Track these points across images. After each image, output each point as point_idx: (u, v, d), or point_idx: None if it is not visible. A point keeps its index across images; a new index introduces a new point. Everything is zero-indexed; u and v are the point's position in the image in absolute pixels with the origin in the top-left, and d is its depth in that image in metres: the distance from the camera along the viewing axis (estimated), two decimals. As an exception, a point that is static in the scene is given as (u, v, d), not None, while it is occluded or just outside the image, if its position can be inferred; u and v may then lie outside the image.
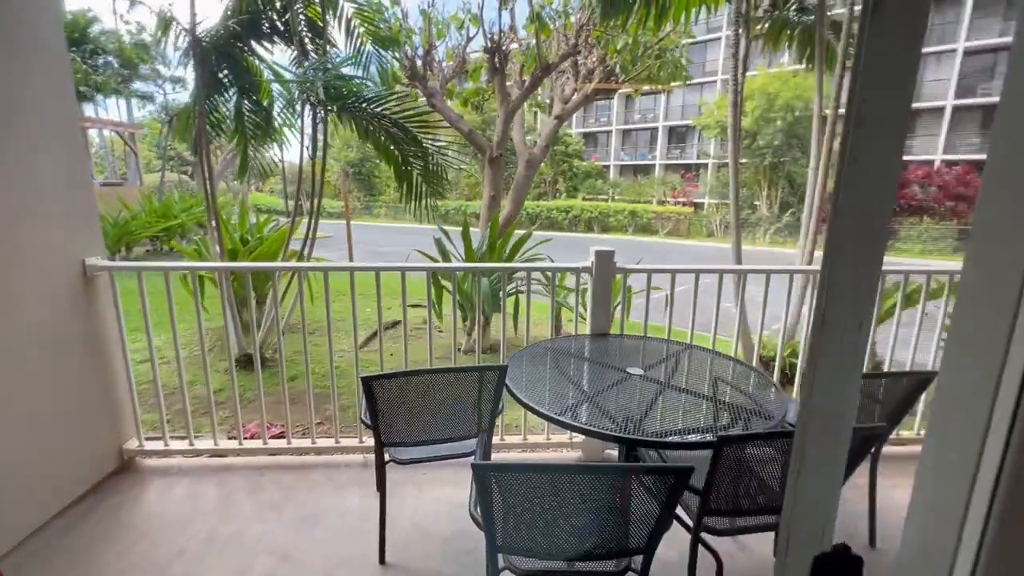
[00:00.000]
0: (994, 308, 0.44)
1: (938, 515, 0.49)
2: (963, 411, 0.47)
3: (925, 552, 0.51)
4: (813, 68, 5.13)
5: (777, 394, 2.16)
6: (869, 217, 0.45)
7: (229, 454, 2.89)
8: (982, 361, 0.45)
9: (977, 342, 0.46)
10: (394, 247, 19.32)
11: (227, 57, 4.02)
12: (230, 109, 4.10)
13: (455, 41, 8.28)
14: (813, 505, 0.53)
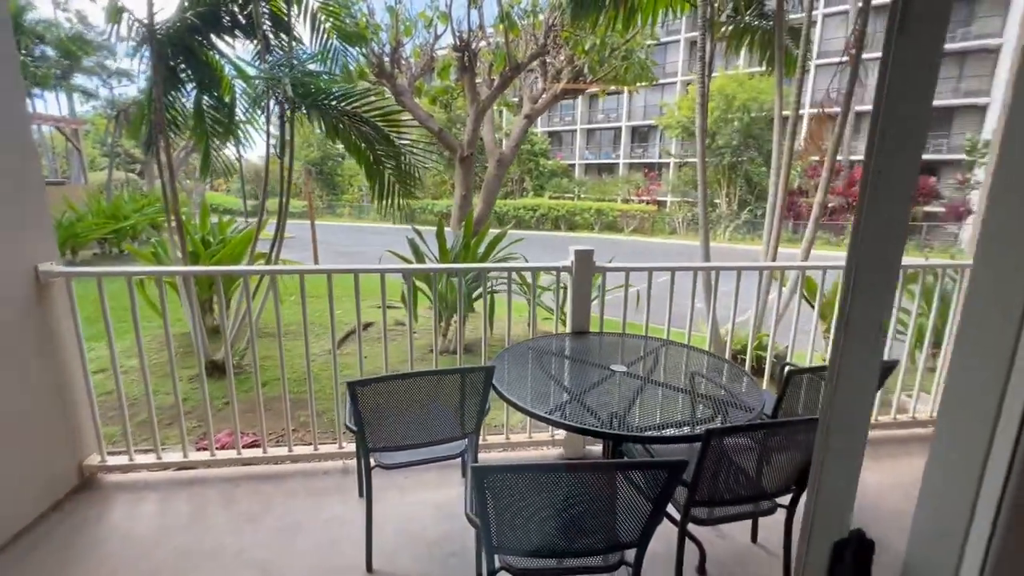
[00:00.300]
0: (1001, 307, 0.47)
1: (951, 494, 0.53)
2: (972, 406, 0.50)
3: (936, 538, 0.55)
4: (771, 71, 5.34)
5: (751, 386, 2.25)
6: (890, 224, 0.48)
7: (200, 466, 2.77)
8: (990, 359, 0.48)
9: (985, 339, 0.49)
10: (360, 247, 18.96)
11: (185, 51, 3.84)
12: (189, 105, 3.91)
13: (423, 39, 8.19)
14: (835, 494, 0.56)
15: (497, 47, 7.71)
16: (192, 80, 4.01)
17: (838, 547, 0.57)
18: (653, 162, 32.09)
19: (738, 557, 2.22)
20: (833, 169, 4.79)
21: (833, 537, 0.57)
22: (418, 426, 2.10)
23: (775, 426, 1.69)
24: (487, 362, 2.34)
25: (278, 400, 4.34)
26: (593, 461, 1.40)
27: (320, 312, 7.55)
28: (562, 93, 7.96)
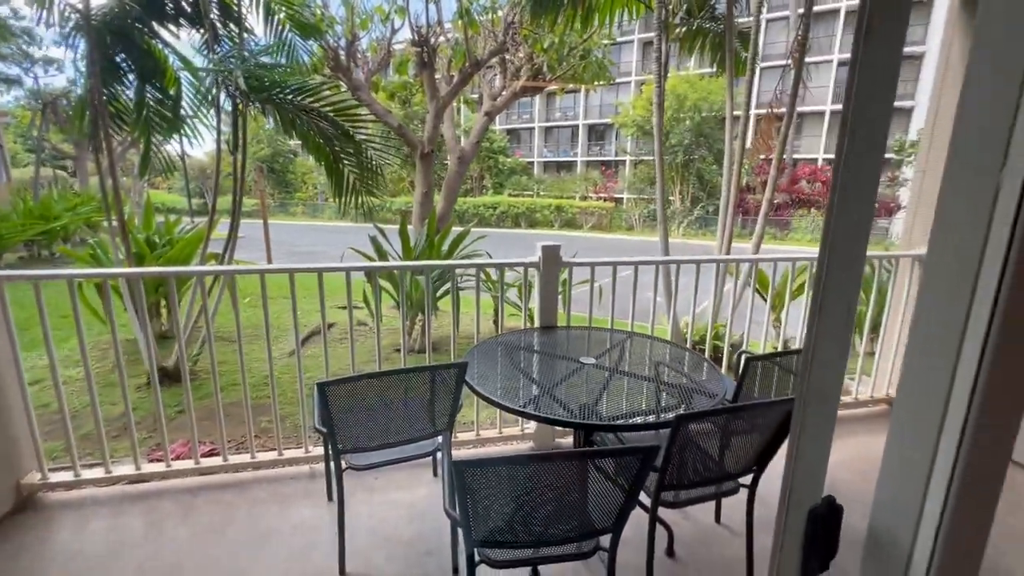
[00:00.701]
0: (953, 290, 0.52)
1: (909, 464, 0.58)
2: (926, 387, 0.55)
3: (896, 504, 0.60)
4: (722, 72, 5.57)
5: (712, 373, 2.35)
6: (858, 215, 0.53)
7: (154, 478, 2.63)
8: (941, 344, 0.53)
9: (937, 326, 0.54)
10: (317, 246, 18.40)
11: (124, 39, 3.60)
12: (131, 96, 3.67)
13: (380, 33, 8.02)
14: (810, 465, 0.60)
15: (456, 43, 7.65)
16: (133, 71, 3.77)
17: (812, 512, 0.62)
18: (610, 160, 32.73)
19: (703, 537, 2.32)
20: (780, 167, 5.06)
21: (808, 504, 0.61)
22: (389, 425, 2.08)
23: (739, 410, 1.78)
24: (457, 359, 2.34)
25: (236, 406, 4.17)
26: (570, 451, 1.44)
27: (277, 314, 7.29)
28: (522, 90, 7.99)
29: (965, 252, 0.51)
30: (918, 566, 0.57)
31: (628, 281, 3.02)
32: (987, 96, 0.48)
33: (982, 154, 0.49)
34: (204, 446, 3.18)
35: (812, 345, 0.57)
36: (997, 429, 0.53)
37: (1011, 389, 0.52)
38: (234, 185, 3.94)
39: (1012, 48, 0.45)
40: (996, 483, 0.56)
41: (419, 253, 5.28)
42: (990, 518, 0.57)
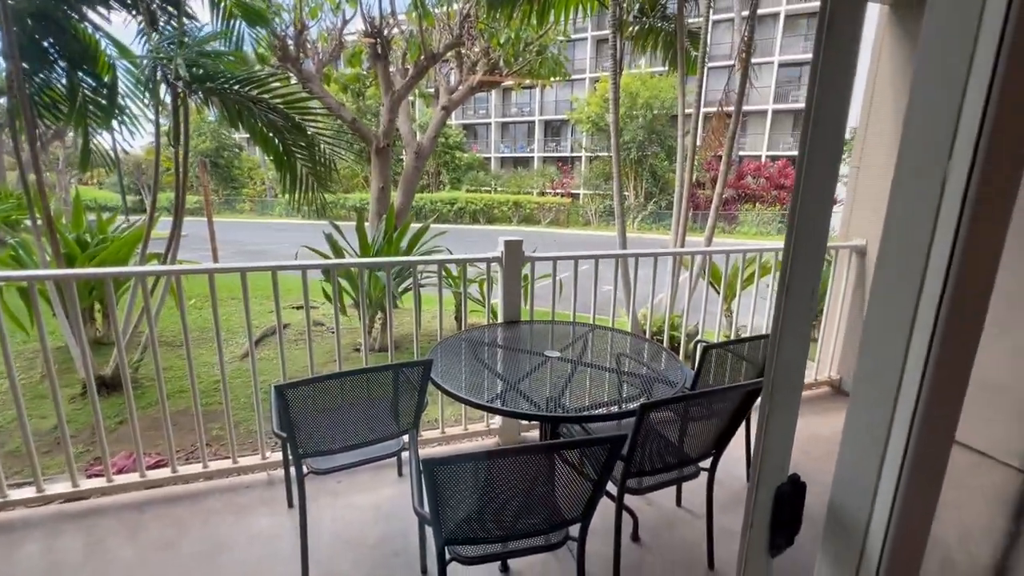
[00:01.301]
0: (903, 281, 0.56)
1: (865, 445, 0.61)
2: (880, 371, 0.59)
3: (854, 480, 0.63)
4: (673, 70, 5.74)
5: (671, 362, 2.43)
6: (820, 202, 0.55)
7: (94, 495, 2.45)
8: (894, 330, 0.57)
9: (890, 313, 0.57)
10: (266, 245, 17.65)
11: (49, 22, 3.31)
12: (64, 85, 3.36)
13: (330, 22, 7.74)
14: (777, 443, 0.63)
15: (411, 35, 7.50)
16: (64, 57, 3.46)
17: (779, 490, 0.65)
18: (566, 156, 33.10)
19: (666, 521, 2.39)
20: (729, 163, 5.27)
21: (776, 482, 0.64)
22: (352, 427, 2.03)
23: (698, 396, 1.85)
24: (420, 357, 2.31)
25: (185, 414, 3.95)
26: (539, 444, 1.45)
27: (226, 316, 6.96)
28: (479, 85, 7.94)
29: (914, 243, 0.54)
30: (874, 537, 0.61)
31: (589, 275, 3.06)
32: (934, 94, 0.51)
33: (930, 148, 0.52)
34: (150, 458, 3.00)
35: (779, 331, 0.59)
36: (943, 412, 0.57)
37: (955, 375, 0.56)
38: (176, 180, 3.71)
39: (957, 48, 0.48)
40: (942, 461, 0.60)
41: (378, 250, 5.17)
42: (937, 493, 0.61)
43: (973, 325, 0.54)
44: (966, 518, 1.26)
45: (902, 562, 0.58)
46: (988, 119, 0.46)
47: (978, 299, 0.53)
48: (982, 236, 0.51)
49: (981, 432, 1.20)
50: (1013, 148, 0.48)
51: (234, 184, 32.76)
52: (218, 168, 31.33)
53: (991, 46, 0.45)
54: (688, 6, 5.19)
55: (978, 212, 0.50)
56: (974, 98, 0.46)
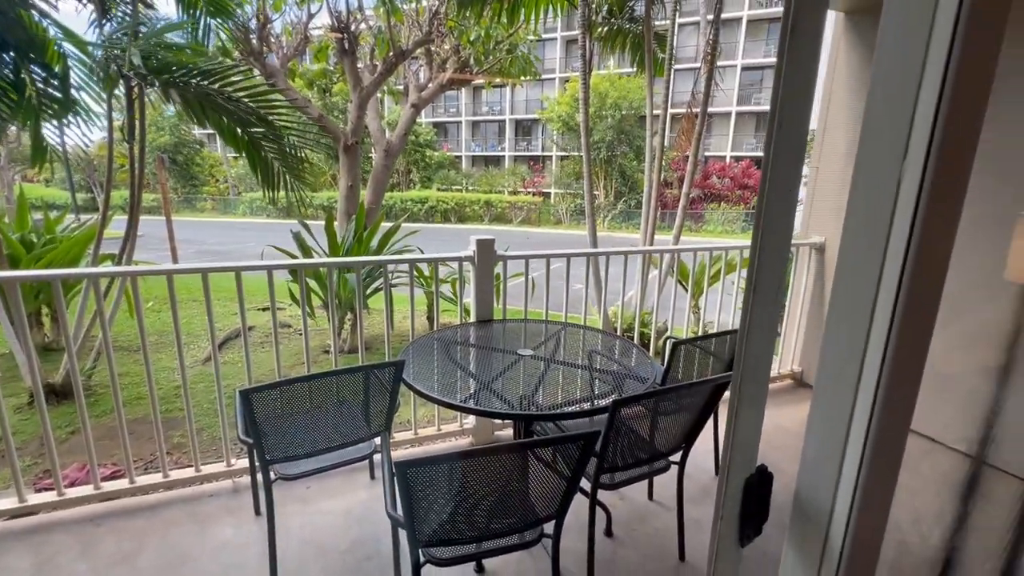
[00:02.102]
0: (862, 276, 0.58)
1: (828, 435, 0.64)
2: (842, 362, 0.61)
3: (819, 467, 0.66)
4: (641, 72, 5.84)
5: (641, 358, 2.46)
6: (785, 201, 0.57)
7: (43, 509, 2.32)
8: (854, 325, 0.59)
9: (850, 308, 0.60)
10: (230, 244, 17.07)
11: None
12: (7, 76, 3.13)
13: (295, 16, 7.53)
14: (746, 435, 0.64)
15: (379, 31, 7.37)
16: (8, 46, 3.23)
17: (748, 481, 0.66)
18: (537, 155, 33.24)
19: (639, 515, 2.43)
20: (695, 163, 5.40)
21: (744, 473, 0.66)
22: (322, 430, 1.98)
23: (668, 392, 1.88)
24: (392, 358, 2.27)
25: (142, 422, 3.78)
26: (513, 442, 1.44)
27: (186, 319, 6.70)
28: (449, 83, 7.88)
29: (872, 239, 0.56)
30: (837, 523, 0.63)
31: (560, 273, 3.08)
32: (890, 95, 0.53)
33: (886, 148, 0.54)
34: (105, 468, 2.85)
35: (747, 327, 0.60)
36: (900, 401, 0.59)
37: (911, 366, 0.58)
38: (131, 177, 3.54)
39: (910, 52, 0.51)
40: (899, 449, 0.63)
41: (348, 250, 5.06)
42: (895, 479, 0.64)
43: (927, 317, 0.56)
44: (919, 503, 1.33)
45: (863, 546, 0.61)
46: (940, 119, 0.48)
47: (932, 292, 0.56)
48: (935, 232, 0.53)
49: (933, 420, 1.27)
50: (963, 147, 0.50)
51: (195, 182, 31.56)
52: (177, 165, 30.11)
53: (942, 50, 0.47)
54: (655, 8, 5.28)
55: (931, 209, 0.52)
56: (927, 99, 0.49)
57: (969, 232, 1.07)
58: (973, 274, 1.40)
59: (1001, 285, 1.32)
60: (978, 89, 0.49)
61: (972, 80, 0.49)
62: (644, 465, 2.09)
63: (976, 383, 1.26)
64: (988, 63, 0.49)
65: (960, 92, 0.48)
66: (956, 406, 1.28)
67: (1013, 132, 1.31)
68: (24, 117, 3.11)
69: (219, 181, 32.31)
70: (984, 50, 0.49)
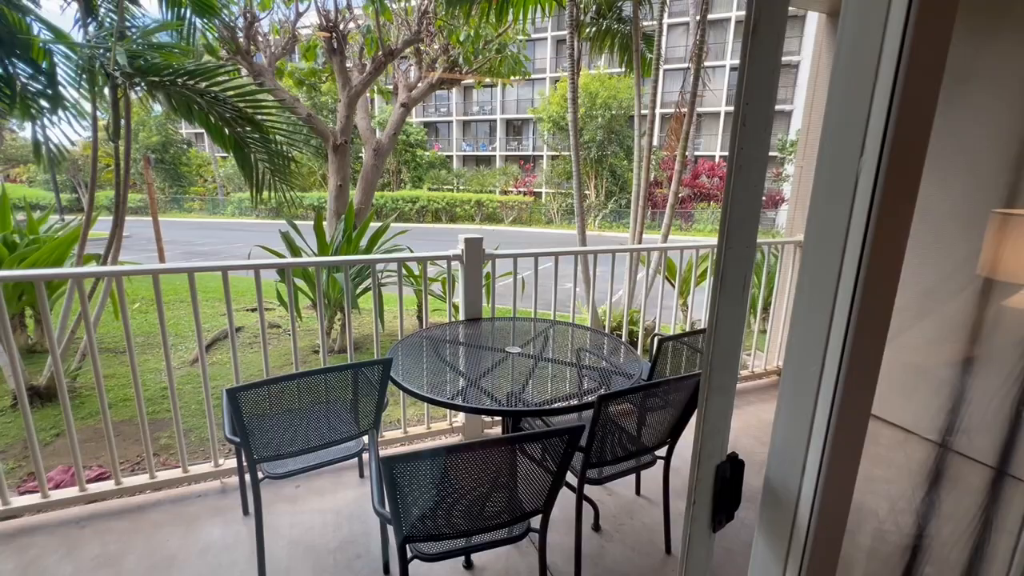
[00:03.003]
0: (824, 269, 0.60)
1: (794, 422, 0.66)
2: (805, 355, 0.63)
3: (786, 454, 0.68)
4: (630, 72, 5.88)
5: (628, 355, 2.49)
6: (751, 196, 0.59)
7: (27, 512, 2.30)
8: (816, 318, 0.61)
9: (813, 303, 0.62)
10: (218, 245, 16.91)
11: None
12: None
13: (283, 15, 7.48)
14: (716, 424, 0.67)
15: (368, 30, 7.35)
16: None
17: (719, 467, 0.69)
18: (528, 155, 33.27)
19: (626, 509, 2.46)
20: (684, 163, 5.45)
21: (716, 460, 0.68)
22: (310, 429, 1.98)
23: (654, 387, 1.91)
24: (381, 357, 2.28)
25: (129, 424, 3.74)
26: (498, 437, 1.46)
27: (173, 320, 6.63)
28: (439, 82, 7.87)
29: (832, 234, 0.59)
30: (804, 505, 0.66)
31: (549, 273, 3.10)
32: (847, 95, 0.56)
33: (844, 146, 0.57)
34: (91, 471, 2.83)
35: (716, 317, 0.63)
36: (859, 388, 0.62)
37: (869, 356, 0.61)
38: (116, 177, 3.50)
39: (865, 54, 0.53)
40: (860, 432, 0.66)
41: (336, 249, 5.05)
42: (857, 461, 0.66)
43: (884, 309, 0.59)
44: (894, 492, 1.36)
45: (828, 526, 0.63)
46: (892, 117, 0.50)
47: (888, 284, 0.58)
48: (891, 225, 0.55)
49: (905, 411, 1.31)
50: (914, 141, 0.53)
51: (182, 182, 31.19)
52: (164, 164, 29.75)
53: (894, 50, 0.50)
54: (643, 9, 5.33)
55: (887, 205, 0.54)
56: (880, 97, 0.51)
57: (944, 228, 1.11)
58: (948, 268, 1.44)
59: (973, 279, 1.36)
60: (928, 86, 0.52)
61: (923, 78, 0.51)
62: (631, 459, 2.11)
63: (947, 374, 1.30)
64: (938, 60, 0.52)
65: (911, 90, 0.50)
66: (926, 396, 1.32)
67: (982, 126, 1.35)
68: (21, 113, 3.07)
69: (207, 181, 31.96)
70: (934, 47, 0.51)
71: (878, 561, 1.16)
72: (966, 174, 1.28)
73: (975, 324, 1.24)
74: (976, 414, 1.17)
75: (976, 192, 1.28)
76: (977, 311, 1.23)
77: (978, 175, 1.29)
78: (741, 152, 0.57)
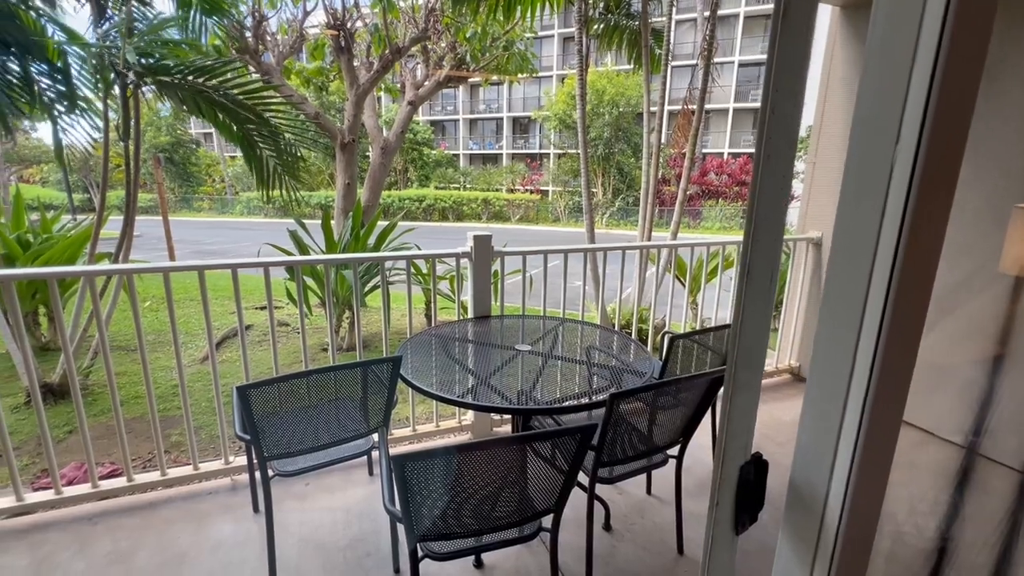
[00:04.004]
0: (855, 266, 0.58)
1: (822, 425, 0.64)
2: (834, 355, 0.61)
3: (813, 458, 0.66)
4: (638, 68, 5.83)
5: (639, 353, 2.47)
6: (779, 187, 0.57)
7: (41, 508, 2.32)
8: (846, 317, 0.59)
9: (842, 302, 0.59)
10: (227, 244, 17.04)
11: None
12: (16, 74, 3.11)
13: (290, 13, 7.50)
14: (741, 423, 0.65)
15: (376, 28, 7.35)
16: (15, 43, 3.19)
17: (744, 468, 0.67)
18: (535, 153, 33.20)
19: (637, 509, 2.44)
20: (692, 160, 5.40)
21: (740, 460, 0.66)
22: (320, 427, 1.98)
23: (665, 385, 1.88)
24: (390, 354, 2.27)
25: (140, 421, 3.77)
26: (509, 436, 1.45)
27: (183, 319, 6.68)
28: (446, 80, 7.86)
29: (863, 231, 0.56)
30: (832, 512, 0.64)
31: (558, 270, 3.08)
32: (882, 81, 0.53)
33: (879, 133, 0.54)
34: (103, 467, 2.85)
35: (741, 314, 0.61)
36: (892, 393, 0.59)
37: (903, 358, 0.58)
38: (127, 176, 3.52)
39: (901, 38, 0.51)
40: (892, 440, 0.63)
41: (344, 248, 5.06)
42: (888, 470, 0.64)
43: (918, 310, 0.56)
44: (914, 494, 1.33)
45: (857, 534, 0.61)
46: (931, 103, 0.48)
47: (923, 284, 0.56)
48: (927, 222, 0.53)
49: (926, 412, 1.27)
50: (954, 133, 0.50)
51: (191, 181, 31.47)
52: (174, 164, 30.02)
53: (933, 36, 0.47)
54: (652, 4, 5.27)
55: (923, 198, 0.52)
56: (918, 84, 0.49)
57: (965, 223, 1.07)
58: (969, 265, 1.41)
59: (996, 276, 1.32)
60: (969, 73, 0.49)
61: (963, 64, 0.49)
62: (642, 459, 2.09)
63: (970, 374, 1.26)
64: (979, 49, 0.49)
65: (951, 76, 0.48)
66: (951, 398, 1.29)
67: (1011, 124, 1.31)
68: (41, 113, 3.10)
69: (216, 180, 32.22)
70: (975, 36, 0.49)
71: (900, 565, 1.13)
72: (992, 170, 1.25)
73: (1001, 322, 1.21)
74: (1002, 415, 1.13)
75: (1003, 188, 1.25)
76: (1005, 309, 1.20)
77: (1006, 171, 1.25)
78: (769, 142, 0.55)
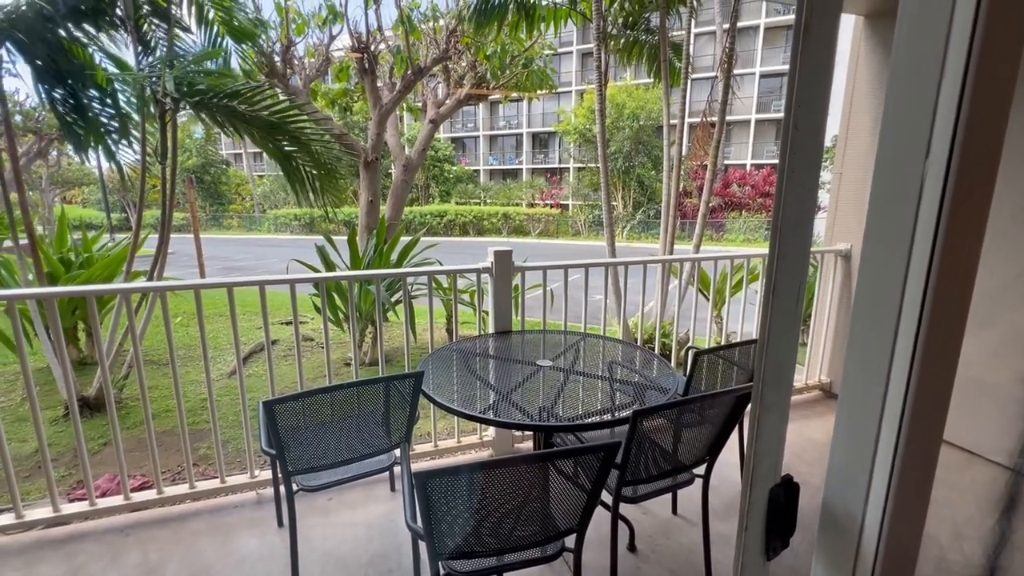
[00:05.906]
0: (887, 281, 0.56)
1: (856, 445, 0.62)
2: (868, 372, 0.59)
3: (847, 479, 0.63)
4: (658, 82, 5.84)
5: (662, 368, 2.43)
6: (804, 202, 0.56)
7: (76, 519, 2.39)
8: (880, 332, 0.57)
9: (875, 316, 0.58)
10: (255, 260, 17.50)
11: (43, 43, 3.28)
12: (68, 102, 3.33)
13: (317, 38, 7.78)
14: (769, 444, 0.63)
15: (398, 50, 7.57)
16: (69, 76, 3.41)
17: (773, 491, 0.65)
18: (554, 167, 33.37)
19: (662, 529, 2.38)
20: (714, 172, 5.35)
21: (769, 483, 0.64)
22: (343, 442, 2.00)
23: (690, 402, 1.84)
24: (411, 369, 2.28)
25: (170, 434, 3.87)
26: (532, 453, 1.43)
27: (212, 334, 6.86)
28: (466, 98, 8.01)
29: (895, 243, 0.55)
30: (869, 536, 0.61)
31: (579, 284, 3.07)
32: (910, 95, 0.52)
33: (908, 148, 0.53)
34: (135, 479, 2.93)
35: (768, 331, 0.59)
36: (930, 411, 0.57)
37: (941, 375, 0.56)
38: (163, 197, 3.67)
39: (928, 46, 0.50)
40: (932, 460, 0.60)
41: (368, 263, 5.14)
42: (928, 491, 0.61)
43: (956, 323, 0.54)
44: (958, 516, 1.27)
45: (897, 560, 0.58)
46: (962, 115, 0.47)
47: (960, 297, 0.54)
48: (962, 233, 0.51)
49: (968, 430, 1.21)
50: (987, 143, 0.49)
51: (221, 200, 32.58)
52: (204, 184, 31.15)
53: (962, 46, 0.47)
54: (670, 19, 5.30)
55: (957, 209, 0.51)
56: (948, 95, 0.48)
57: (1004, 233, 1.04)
58: (1010, 272, 1.35)
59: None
60: (1003, 79, 0.48)
61: (996, 70, 0.47)
62: (667, 478, 2.04)
63: (1014, 390, 1.20)
64: (1012, 52, 0.48)
65: (982, 83, 0.47)
66: (993, 416, 1.22)
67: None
68: (96, 139, 3.28)
69: (245, 199, 33.27)
70: (1007, 41, 0.48)
71: (944, 594, 1.07)
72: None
73: (1046, 337, 1.15)
74: (1052, 435, 1.07)
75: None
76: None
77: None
78: (793, 157, 0.54)
